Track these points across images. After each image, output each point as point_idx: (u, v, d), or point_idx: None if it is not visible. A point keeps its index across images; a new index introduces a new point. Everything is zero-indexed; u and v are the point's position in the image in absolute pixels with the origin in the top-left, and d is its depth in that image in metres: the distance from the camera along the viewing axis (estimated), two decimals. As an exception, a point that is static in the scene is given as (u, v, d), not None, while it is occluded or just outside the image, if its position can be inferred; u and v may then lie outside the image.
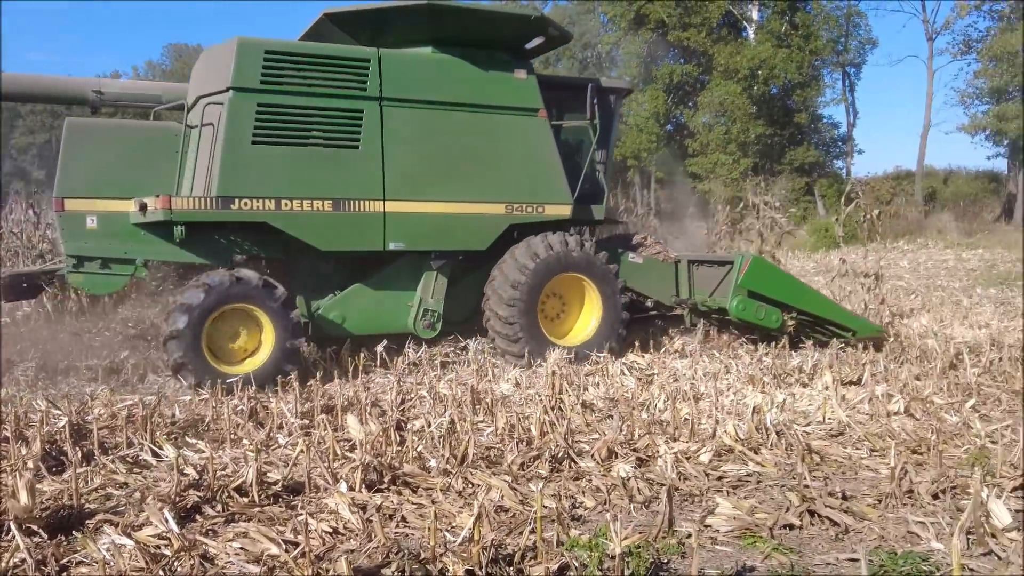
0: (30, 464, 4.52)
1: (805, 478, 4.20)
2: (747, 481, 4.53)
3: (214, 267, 7.27)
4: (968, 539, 3.54)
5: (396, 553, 3.36)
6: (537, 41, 8.35)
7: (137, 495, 4.11)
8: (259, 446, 4.58)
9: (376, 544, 3.47)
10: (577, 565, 3.28)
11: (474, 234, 8.09)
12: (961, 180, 33.92)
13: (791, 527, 3.87)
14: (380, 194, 7.58)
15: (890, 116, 78.93)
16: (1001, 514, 3.61)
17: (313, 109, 7.39)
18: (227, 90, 7.10)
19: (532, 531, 3.48)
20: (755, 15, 34.94)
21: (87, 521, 3.94)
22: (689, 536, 3.58)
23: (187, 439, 5.31)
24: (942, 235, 25.03)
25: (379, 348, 7.75)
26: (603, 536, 3.50)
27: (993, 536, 3.52)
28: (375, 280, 8.03)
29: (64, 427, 5.15)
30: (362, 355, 7.67)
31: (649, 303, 9.05)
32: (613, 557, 3.11)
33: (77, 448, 4.88)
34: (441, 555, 3.32)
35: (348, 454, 4.71)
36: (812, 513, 3.96)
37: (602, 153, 9.02)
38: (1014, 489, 4.07)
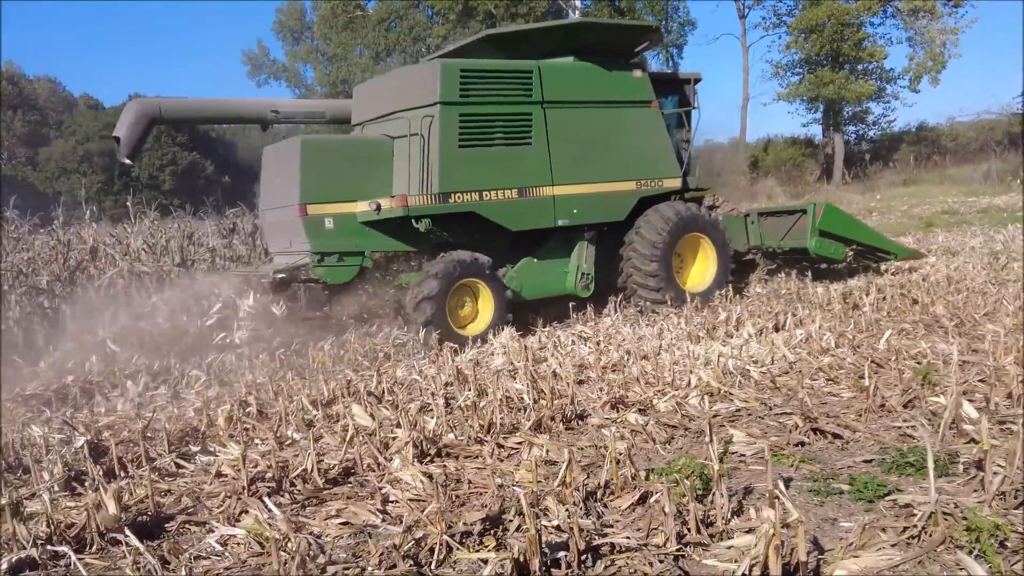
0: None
1: (806, 402, 4.87)
2: (739, 416, 5.18)
3: (420, 253, 8.92)
4: (951, 432, 4.32)
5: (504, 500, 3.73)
6: (645, 44, 10.15)
7: (217, 493, 4.25)
8: (312, 436, 4.76)
9: (458, 502, 3.83)
10: (660, 491, 3.76)
11: (615, 207, 9.69)
12: (779, 147, 36.79)
13: (802, 444, 4.53)
14: (549, 181, 9.15)
15: (713, 92, 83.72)
16: (970, 411, 4.40)
17: (497, 115, 8.87)
18: (435, 104, 8.46)
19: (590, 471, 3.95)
20: (579, 2, 36.38)
21: (166, 524, 4.06)
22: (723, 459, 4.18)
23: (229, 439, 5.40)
24: (772, 199, 27.18)
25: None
26: (676, 468, 4.02)
27: (971, 425, 4.29)
28: (539, 253, 9.55)
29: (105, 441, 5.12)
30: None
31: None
32: (705, 478, 3.63)
33: (129, 460, 4.89)
34: (543, 496, 3.73)
35: (389, 435, 4.98)
36: (815, 431, 4.63)
37: (688, 133, 10.65)
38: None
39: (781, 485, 3.21)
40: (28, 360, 8.73)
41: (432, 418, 5.08)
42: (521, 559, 2.97)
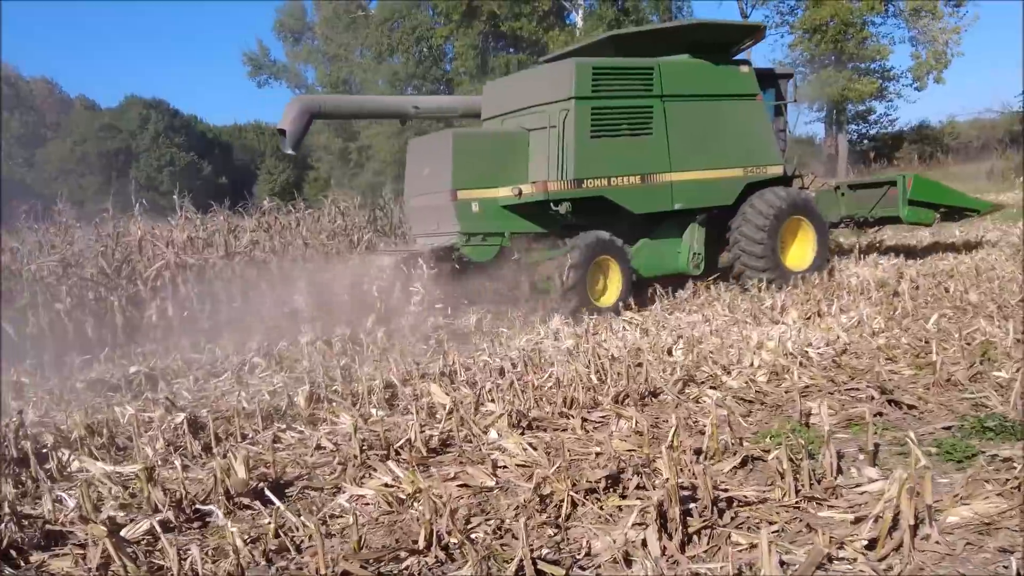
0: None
1: (881, 374, 5.10)
2: (809, 392, 5.41)
3: (550, 234, 9.64)
4: (1022, 402, 4.56)
5: (617, 464, 3.95)
6: (750, 41, 10.86)
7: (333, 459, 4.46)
8: (418, 408, 4.98)
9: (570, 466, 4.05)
10: (777, 451, 3.99)
11: (725, 192, 10.38)
12: (780, 147, 36.96)
13: (879, 415, 4.76)
14: (667, 168, 9.87)
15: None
16: (1039, 383, 4.64)
17: (622, 108, 9.61)
18: (570, 99, 9.23)
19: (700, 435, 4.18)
20: (582, 2, 36.64)
21: (286, 490, 4.27)
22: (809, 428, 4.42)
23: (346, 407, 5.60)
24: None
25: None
26: (774, 433, 4.25)
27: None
28: (655, 235, 10.26)
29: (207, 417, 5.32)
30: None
31: None
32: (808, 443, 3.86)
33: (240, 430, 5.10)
34: (654, 460, 3.96)
35: (482, 407, 5.20)
36: (891, 403, 4.87)
37: (785, 123, 11.63)
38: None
39: (912, 435, 3.45)
40: (82, 350, 8.93)
41: (513, 395, 5.29)
42: (662, 506, 3.19)
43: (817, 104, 30.53)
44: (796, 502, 3.47)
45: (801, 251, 10.83)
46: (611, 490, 3.74)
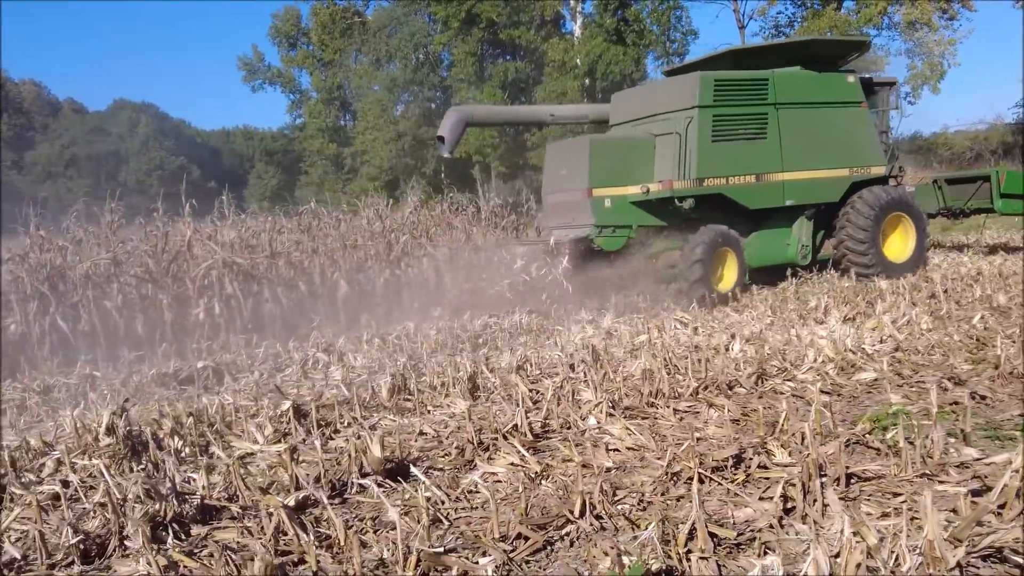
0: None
1: (955, 367, 5.41)
2: (879, 385, 5.71)
3: (671, 228, 10.72)
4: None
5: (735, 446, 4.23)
6: (857, 54, 12.15)
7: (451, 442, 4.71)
8: (509, 397, 5.24)
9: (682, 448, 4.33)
10: (859, 437, 4.28)
11: (832, 190, 11.45)
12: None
13: (955, 403, 5.07)
14: (780, 168, 10.98)
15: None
16: (1105, 372, 4.97)
17: (740, 115, 10.78)
18: (693, 108, 10.45)
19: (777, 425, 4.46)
20: (580, 12, 36.98)
21: (410, 470, 4.51)
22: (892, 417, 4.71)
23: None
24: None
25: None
26: (875, 417, 4.54)
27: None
28: (765, 228, 11.33)
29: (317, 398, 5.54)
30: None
31: None
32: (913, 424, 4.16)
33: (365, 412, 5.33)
34: (766, 439, 4.24)
35: (577, 397, 5.46)
36: (971, 395, 5.18)
37: (888, 127, 12.83)
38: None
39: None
40: (132, 346, 9.12)
41: (607, 385, 5.56)
42: (804, 478, 3.47)
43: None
44: (914, 476, 3.76)
45: (901, 244, 11.83)
46: (735, 468, 4.01)
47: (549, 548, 3.37)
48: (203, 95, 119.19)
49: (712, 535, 3.19)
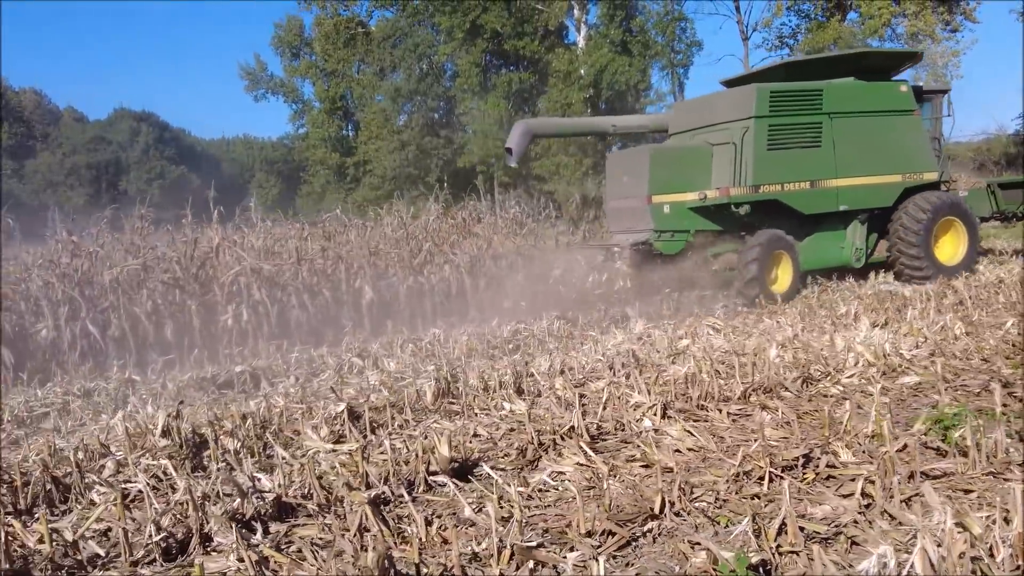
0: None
1: (1001, 368, 5.48)
2: (923, 387, 5.77)
3: (726, 232, 11.35)
4: None
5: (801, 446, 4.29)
6: (909, 65, 12.75)
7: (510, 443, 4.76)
8: (577, 396, 5.30)
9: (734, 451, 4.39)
10: (963, 428, 4.34)
11: (885, 195, 11.82)
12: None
13: (1006, 405, 5.13)
14: (833, 174, 11.38)
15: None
16: None
17: (795, 125, 11.21)
18: (750, 118, 10.93)
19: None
20: (585, 24, 37.16)
21: (474, 469, 4.57)
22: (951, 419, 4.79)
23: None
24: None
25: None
26: (935, 418, 4.61)
27: None
28: (819, 233, 11.76)
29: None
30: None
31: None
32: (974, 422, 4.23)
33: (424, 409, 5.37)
34: (830, 440, 4.30)
35: (629, 400, 5.52)
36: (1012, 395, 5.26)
37: (940, 134, 13.17)
38: None
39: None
40: (161, 351, 9.17)
41: (659, 388, 5.63)
42: (882, 474, 3.54)
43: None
44: (981, 474, 3.82)
45: (953, 248, 12.13)
46: (804, 467, 4.07)
47: (633, 544, 3.43)
48: (202, 104, 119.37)
49: (801, 529, 3.24)
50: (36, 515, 4.24)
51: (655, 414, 5.18)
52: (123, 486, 4.36)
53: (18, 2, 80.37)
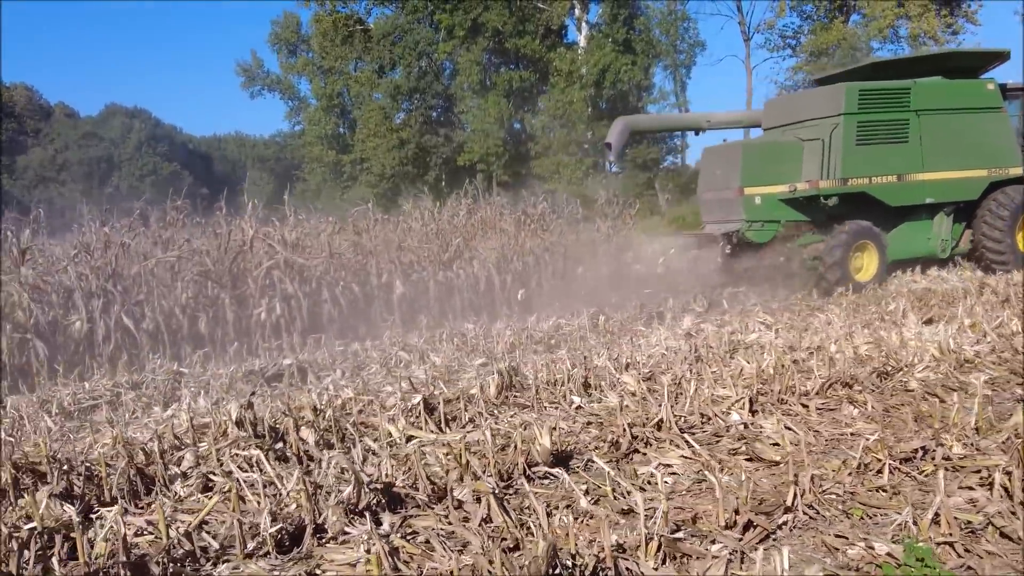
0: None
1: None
2: (997, 381, 5.74)
3: (813, 224, 11.91)
4: None
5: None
6: (996, 64, 13.01)
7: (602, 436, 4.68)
8: (647, 390, 5.22)
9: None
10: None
11: (970, 189, 12.27)
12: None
13: (1093, 400, 5.10)
14: (920, 168, 11.92)
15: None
16: None
17: (883, 121, 11.77)
18: (840, 115, 11.57)
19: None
20: (585, 24, 37.14)
21: (570, 462, 4.48)
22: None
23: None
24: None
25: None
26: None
27: None
28: (905, 224, 12.25)
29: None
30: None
31: None
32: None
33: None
34: (939, 432, 4.24)
35: (718, 393, 5.44)
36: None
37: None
38: None
39: None
40: (195, 344, 9.04)
41: (741, 382, 5.56)
42: (1014, 466, 3.48)
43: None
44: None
45: None
46: (923, 459, 4.01)
47: (772, 536, 3.35)
48: (194, 102, 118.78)
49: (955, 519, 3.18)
50: (121, 507, 4.13)
51: (742, 407, 5.10)
52: (217, 478, 4.25)
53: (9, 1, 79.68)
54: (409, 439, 4.95)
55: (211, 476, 4.44)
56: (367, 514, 3.73)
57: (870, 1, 29.56)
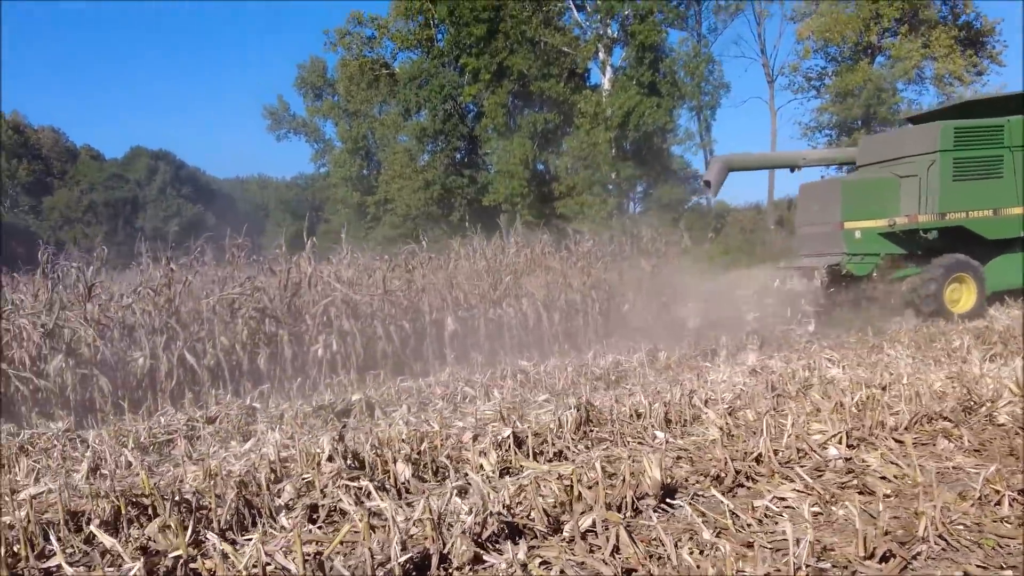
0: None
1: None
2: (1086, 418, 5.70)
3: (910, 256, 12.51)
4: None
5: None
6: None
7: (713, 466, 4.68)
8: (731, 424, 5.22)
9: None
10: None
11: None
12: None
13: None
14: (1016, 203, 12.43)
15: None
16: None
17: (978, 158, 12.31)
18: (936, 152, 12.17)
19: None
20: (609, 68, 37.56)
21: (675, 494, 4.48)
22: None
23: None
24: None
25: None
26: None
27: None
28: (1002, 257, 12.64)
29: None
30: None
31: None
32: None
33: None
34: None
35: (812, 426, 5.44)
36: None
37: None
38: None
39: None
40: (255, 381, 9.09)
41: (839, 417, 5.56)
42: None
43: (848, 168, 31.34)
44: None
45: None
46: (1040, 491, 4.00)
47: (908, 567, 3.34)
48: (217, 145, 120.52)
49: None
50: (230, 538, 4.15)
51: (839, 442, 5.09)
52: (323, 509, 4.27)
53: (37, 45, 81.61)
54: (503, 472, 4.97)
55: (317, 507, 4.46)
56: (489, 544, 3.75)
57: (896, 42, 29.81)
